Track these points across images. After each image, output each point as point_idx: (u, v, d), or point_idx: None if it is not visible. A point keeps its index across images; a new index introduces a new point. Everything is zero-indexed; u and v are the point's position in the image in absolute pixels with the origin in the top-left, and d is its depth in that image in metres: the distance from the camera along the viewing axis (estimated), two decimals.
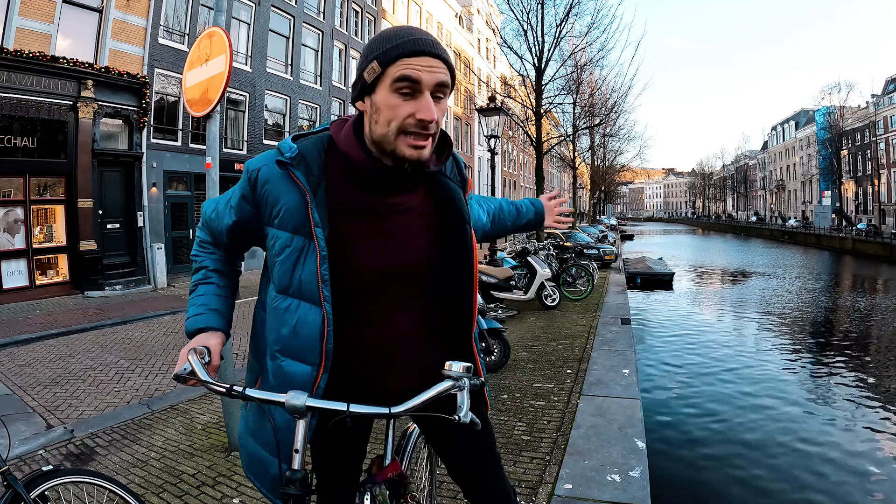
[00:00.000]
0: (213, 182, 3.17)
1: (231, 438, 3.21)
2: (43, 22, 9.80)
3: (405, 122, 0.97)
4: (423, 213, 1.11)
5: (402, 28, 1.01)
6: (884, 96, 39.71)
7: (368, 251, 1.06)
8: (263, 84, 15.44)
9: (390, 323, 1.09)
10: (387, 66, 0.96)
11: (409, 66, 0.95)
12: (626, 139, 34.66)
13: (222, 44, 3.04)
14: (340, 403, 0.95)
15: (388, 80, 0.97)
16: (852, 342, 9.87)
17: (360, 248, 1.06)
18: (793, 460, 4.87)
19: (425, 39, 0.98)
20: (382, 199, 1.07)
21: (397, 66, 0.96)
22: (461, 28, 31.61)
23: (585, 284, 9.56)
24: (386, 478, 1.20)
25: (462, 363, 0.97)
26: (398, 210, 1.08)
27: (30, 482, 1.55)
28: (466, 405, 0.92)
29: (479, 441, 1.25)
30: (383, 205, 1.07)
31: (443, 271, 1.12)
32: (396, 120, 0.97)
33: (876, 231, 31.63)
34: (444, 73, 0.98)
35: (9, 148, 9.48)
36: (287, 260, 1.05)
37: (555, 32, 12.15)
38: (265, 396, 0.97)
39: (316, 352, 1.03)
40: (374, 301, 1.08)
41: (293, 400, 0.94)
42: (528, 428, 3.43)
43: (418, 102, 0.97)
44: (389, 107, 0.98)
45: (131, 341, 6.69)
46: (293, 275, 1.04)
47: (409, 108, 0.97)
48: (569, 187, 48.83)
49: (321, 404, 0.95)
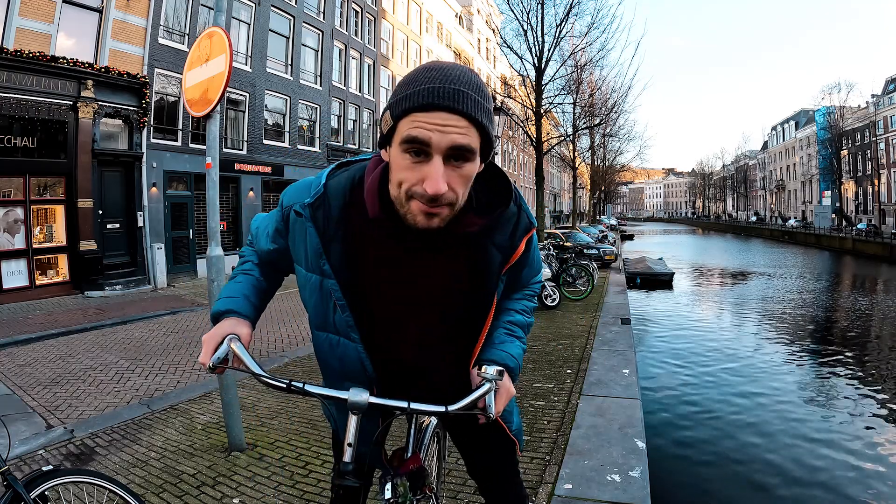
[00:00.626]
0: (213, 182, 3.17)
1: (231, 438, 3.21)
2: (43, 22, 9.80)
3: (413, 188, 0.86)
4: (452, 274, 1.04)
5: (427, 69, 0.85)
6: (884, 96, 39.70)
7: (385, 300, 1.05)
8: (263, 84, 15.44)
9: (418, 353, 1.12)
10: (397, 120, 0.85)
11: (418, 123, 0.82)
12: (626, 139, 34.74)
13: (222, 44, 3.04)
14: (402, 401, 0.97)
15: (399, 137, 0.85)
16: (852, 341, 9.88)
17: (377, 296, 1.05)
18: (793, 459, 4.88)
19: (442, 89, 0.81)
20: (405, 253, 1.01)
21: (406, 121, 0.83)
22: (461, 28, 31.62)
23: (585, 284, 9.57)
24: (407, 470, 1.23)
25: (496, 367, 1.02)
26: (419, 268, 1.02)
27: (30, 482, 1.55)
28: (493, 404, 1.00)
29: (502, 447, 1.32)
30: (402, 258, 1.01)
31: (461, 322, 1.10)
32: (406, 184, 0.87)
33: (876, 231, 31.63)
34: (461, 134, 0.82)
35: (9, 148, 9.48)
36: (320, 303, 1.06)
37: (555, 32, 12.15)
38: (327, 392, 0.99)
39: (364, 376, 1.08)
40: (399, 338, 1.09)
41: (355, 397, 0.96)
42: (528, 428, 3.43)
43: (427, 168, 0.84)
44: (400, 167, 0.87)
45: (131, 341, 6.69)
46: (326, 316, 1.07)
47: (417, 173, 0.85)
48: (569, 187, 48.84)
49: (383, 401, 0.97)
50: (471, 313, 1.09)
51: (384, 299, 1.05)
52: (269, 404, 4.11)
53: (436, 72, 0.84)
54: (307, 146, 17.72)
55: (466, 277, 1.04)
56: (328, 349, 1.10)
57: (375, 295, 1.04)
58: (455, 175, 0.86)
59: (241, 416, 3.26)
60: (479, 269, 1.04)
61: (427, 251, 1.00)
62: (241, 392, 4.22)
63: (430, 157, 0.83)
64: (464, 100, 0.82)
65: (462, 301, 1.06)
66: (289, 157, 16.73)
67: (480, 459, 1.36)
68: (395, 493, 1.16)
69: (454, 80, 0.83)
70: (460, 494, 2.56)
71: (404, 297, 1.04)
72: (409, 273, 1.02)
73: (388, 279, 1.03)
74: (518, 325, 1.20)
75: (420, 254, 1.00)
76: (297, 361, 5.61)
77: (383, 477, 1.21)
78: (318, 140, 18.17)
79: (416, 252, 1.00)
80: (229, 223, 14.67)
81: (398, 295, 1.04)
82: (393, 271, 1.02)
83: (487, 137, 0.88)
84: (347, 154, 19.58)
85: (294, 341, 6.71)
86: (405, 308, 1.05)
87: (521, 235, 1.05)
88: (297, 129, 17.19)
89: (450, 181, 0.85)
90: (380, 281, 1.03)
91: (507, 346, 1.15)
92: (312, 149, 17.91)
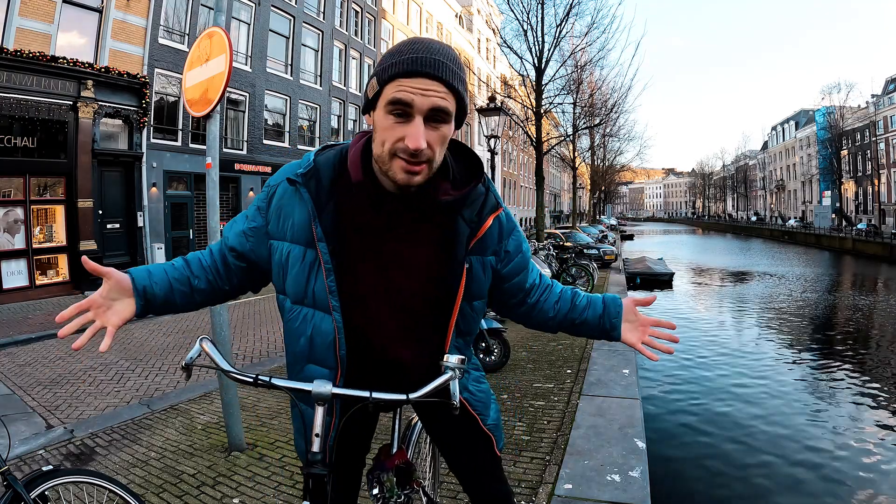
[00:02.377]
0: (213, 182, 3.16)
1: (231, 438, 3.21)
2: (43, 22, 9.80)
3: (395, 145, 0.94)
4: (425, 242, 1.09)
5: (411, 42, 0.95)
6: (884, 96, 39.70)
7: (364, 269, 1.08)
8: (263, 84, 15.44)
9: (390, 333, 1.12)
10: (383, 85, 0.93)
11: (403, 87, 0.91)
12: (626, 139, 34.69)
13: (222, 44, 3.04)
14: (363, 391, 1.01)
15: (384, 101, 0.94)
16: (853, 341, 9.87)
17: (358, 265, 1.08)
18: (793, 458, 4.87)
19: (425, 58, 0.91)
20: (384, 221, 1.06)
21: (392, 86, 0.92)
22: (461, 28, 31.62)
23: (585, 284, 9.57)
24: (393, 465, 1.25)
25: (457, 356, 1.03)
26: (397, 236, 1.07)
27: (30, 482, 1.55)
28: (456, 392, 1.01)
29: (477, 440, 1.32)
30: (383, 227, 1.07)
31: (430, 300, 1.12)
32: (388, 142, 0.95)
33: (876, 231, 31.63)
34: (441, 98, 0.92)
35: (9, 148, 9.48)
36: (301, 272, 1.07)
37: (555, 32, 12.15)
38: (292, 385, 1.01)
39: (332, 357, 1.09)
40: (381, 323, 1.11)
41: (319, 388, 0.99)
42: (528, 428, 3.43)
43: (408, 128, 0.92)
44: (383, 128, 0.95)
45: (131, 341, 6.69)
46: (307, 286, 1.08)
47: (399, 131, 0.93)
48: (569, 187, 48.84)
49: (346, 392, 1.00)
50: (441, 289, 1.10)
51: (365, 266, 1.08)
52: (269, 404, 4.11)
53: (419, 44, 0.94)
54: (307, 146, 17.72)
55: (438, 247, 1.09)
56: (300, 325, 1.10)
57: (358, 260, 1.07)
58: (433, 135, 0.94)
59: (241, 416, 3.26)
60: (449, 239, 1.08)
61: (405, 216, 1.06)
62: (241, 392, 4.22)
63: (412, 117, 0.92)
64: (444, 69, 0.92)
65: (434, 272, 1.09)
66: (289, 157, 16.72)
67: (457, 455, 1.36)
68: (383, 489, 1.18)
69: (435, 52, 0.93)
70: (460, 494, 2.56)
71: (382, 265, 1.08)
72: (387, 240, 1.07)
73: (370, 247, 1.07)
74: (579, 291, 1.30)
75: (398, 219, 1.06)
76: None
77: (371, 473, 1.24)
78: (318, 140, 18.18)
79: (395, 217, 1.06)
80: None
81: (377, 263, 1.08)
82: (373, 238, 1.07)
83: (462, 104, 0.98)
84: None
85: None
86: (382, 277, 1.08)
87: (487, 213, 1.11)
88: (297, 129, 17.20)
89: (429, 139, 0.94)
90: (362, 248, 1.07)
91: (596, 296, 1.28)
92: (312, 149, 17.70)
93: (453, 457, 1.37)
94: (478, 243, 1.11)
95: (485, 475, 1.36)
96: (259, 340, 6.75)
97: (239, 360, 5.74)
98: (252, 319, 8.19)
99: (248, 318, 8.34)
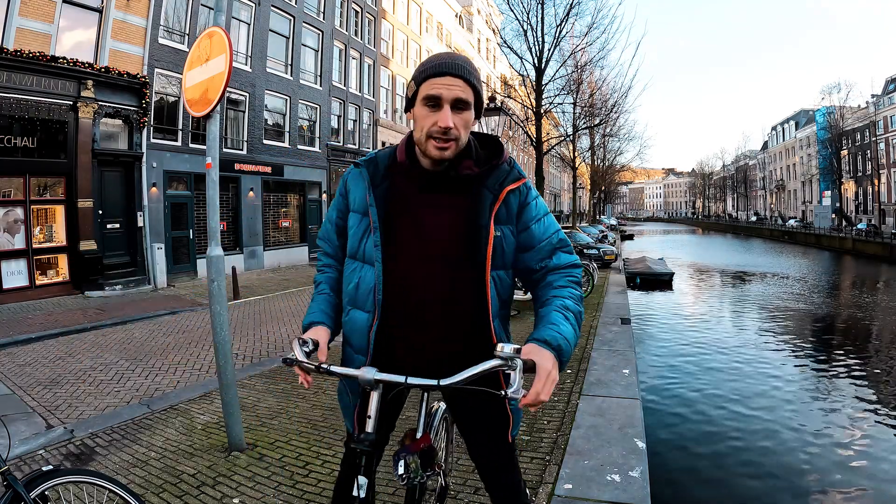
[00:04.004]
0: (213, 182, 3.17)
1: (231, 438, 3.21)
2: (43, 22, 9.79)
3: (430, 129, 1.24)
4: (450, 208, 1.33)
5: (437, 55, 1.27)
6: (884, 96, 39.70)
7: (401, 229, 1.34)
8: (263, 84, 15.43)
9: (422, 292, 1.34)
10: (419, 84, 1.25)
11: (434, 85, 1.22)
12: (626, 139, 34.66)
13: (222, 44, 3.04)
14: (400, 376, 1.19)
15: (420, 97, 1.24)
16: (853, 341, 9.88)
17: (398, 226, 1.34)
18: (793, 457, 4.88)
19: (449, 62, 1.23)
20: (423, 195, 1.34)
21: (426, 85, 1.23)
22: (461, 28, 31.61)
23: (585, 284, 9.56)
24: (418, 448, 1.36)
25: (513, 345, 1.08)
26: (428, 202, 1.34)
27: (30, 482, 1.55)
28: (518, 383, 1.04)
29: (501, 428, 1.45)
30: (417, 196, 1.35)
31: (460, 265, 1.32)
32: (425, 128, 1.25)
33: (876, 231, 31.62)
34: (462, 91, 1.22)
35: (9, 148, 9.48)
36: (356, 234, 1.39)
37: (555, 32, 12.14)
38: (344, 371, 1.24)
39: (371, 301, 1.35)
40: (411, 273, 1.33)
41: (365, 374, 1.20)
42: (528, 428, 3.43)
43: (439, 114, 1.22)
44: (421, 117, 1.26)
45: (131, 341, 6.69)
46: (360, 244, 1.38)
47: (433, 118, 1.23)
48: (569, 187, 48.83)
49: (385, 377, 1.19)
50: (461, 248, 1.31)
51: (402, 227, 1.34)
52: (270, 404, 4.11)
53: (444, 55, 1.28)
54: (307, 146, 17.72)
55: (463, 212, 1.32)
56: (351, 274, 1.40)
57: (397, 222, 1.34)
58: (458, 118, 1.24)
59: (241, 416, 3.26)
60: (473, 206, 1.31)
61: (436, 188, 1.34)
62: (241, 392, 4.23)
63: (441, 107, 1.23)
64: (462, 70, 1.23)
65: (456, 234, 1.31)
66: (289, 156, 16.73)
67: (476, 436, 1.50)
68: (408, 469, 1.31)
69: (456, 58, 1.26)
70: (460, 494, 2.56)
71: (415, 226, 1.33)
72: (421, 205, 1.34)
73: (406, 212, 1.34)
74: (571, 311, 1.27)
75: (430, 190, 1.34)
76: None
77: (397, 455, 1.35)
78: (318, 140, 18.17)
79: (427, 188, 1.34)
80: (229, 223, 14.66)
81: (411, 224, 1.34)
82: (410, 205, 1.35)
83: (479, 97, 1.27)
84: (348, 154, 19.59)
85: None
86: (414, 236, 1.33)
87: (508, 182, 1.34)
88: (297, 128, 17.18)
89: (455, 122, 1.23)
90: (401, 213, 1.35)
91: (561, 327, 1.22)
92: (312, 149, 17.91)
93: (473, 438, 1.51)
94: (501, 209, 1.32)
95: (501, 463, 1.48)
96: (259, 340, 6.75)
97: (239, 360, 5.74)
98: (252, 319, 8.19)
99: (248, 318, 8.34)
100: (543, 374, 1.10)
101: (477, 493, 2.58)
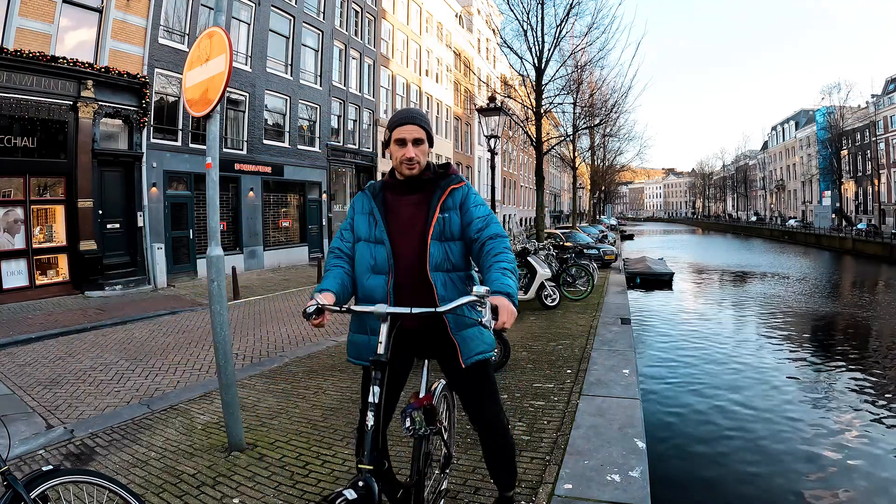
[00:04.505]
0: (213, 182, 3.16)
1: (231, 438, 3.21)
2: (43, 22, 9.80)
3: (401, 158, 1.88)
4: (421, 205, 1.93)
5: (402, 111, 1.92)
6: (884, 96, 39.69)
7: (394, 224, 1.93)
8: (263, 84, 15.44)
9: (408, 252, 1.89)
10: (391, 130, 1.89)
11: (400, 131, 1.86)
12: (626, 139, 34.55)
13: (222, 44, 3.04)
14: (405, 308, 1.64)
15: (393, 139, 1.88)
16: (852, 341, 9.88)
17: (391, 221, 1.93)
18: (793, 457, 4.88)
19: (408, 115, 1.88)
20: (402, 197, 1.96)
21: (396, 131, 1.87)
22: (461, 28, 31.61)
23: (585, 284, 9.56)
24: (422, 405, 1.79)
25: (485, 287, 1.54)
26: (408, 203, 1.95)
27: (30, 482, 1.55)
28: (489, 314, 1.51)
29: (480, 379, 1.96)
30: (402, 201, 1.96)
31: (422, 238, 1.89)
32: (396, 159, 1.90)
33: (876, 231, 31.62)
34: (418, 133, 1.86)
35: (9, 148, 9.48)
36: (365, 224, 1.96)
37: (555, 32, 12.11)
38: (363, 309, 1.67)
39: (387, 266, 1.88)
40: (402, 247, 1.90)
41: (379, 309, 1.62)
42: (528, 428, 3.43)
43: (405, 149, 1.86)
44: (395, 151, 1.90)
45: (131, 341, 6.69)
46: (370, 231, 1.93)
47: (402, 151, 1.87)
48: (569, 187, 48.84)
49: (394, 310, 1.63)
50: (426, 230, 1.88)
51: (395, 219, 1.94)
52: (270, 404, 4.11)
53: (405, 111, 1.92)
54: (307, 146, 17.72)
55: (425, 206, 1.92)
56: (367, 251, 1.92)
57: (392, 216, 1.94)
58: (418, 150, 1.88)
59: (241, 416, 3.26)
60: (428, 200, 1.93)
61: (409, 192, 1.95)
62: (241, 392, 4.23)
63: (406, 144, 1.87)
64: (417, 120, 1.88)
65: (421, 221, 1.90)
66: (289, 156, 16.73)
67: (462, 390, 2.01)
68: (413, 423, 1.73)
69: (413, 112, 1.91)
70: (460, 495, 2.56)
71: (402, 218, 1.93)
72: (403, 205, 1.95)
73: (396, 209, 1.95)
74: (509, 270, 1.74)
75: (407, 194, 1.95)
76: (296, 361, 5.60)
77: (404, 412, 1.75)
78: (318, 140, 18.17)
79: (405, 195, 1.96)
80: (229, 223, 14.66)
81: (400, 217, 1.94)
82: (397, 204, 1.96)
83: (430, 135, 1.91)
84: (347, 154, 19.59)
85: (294, 341, 6.71)
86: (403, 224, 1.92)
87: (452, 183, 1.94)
88: (297, 128, 17.18)
89: (415, 153, 1.87)
90: (394, 210, 1.95)
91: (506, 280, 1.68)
92: (312, 149, 17.91)
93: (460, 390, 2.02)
94: (445, 202, 1.91)
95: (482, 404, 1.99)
96: (259, 340, 6.75)
97: (239, 360, 5.74)
98: (252, 319, 8.20)
99: (248, 318, 8.34)
100: (505, 308, 1.56)
101: (477, 493, 2.58)
